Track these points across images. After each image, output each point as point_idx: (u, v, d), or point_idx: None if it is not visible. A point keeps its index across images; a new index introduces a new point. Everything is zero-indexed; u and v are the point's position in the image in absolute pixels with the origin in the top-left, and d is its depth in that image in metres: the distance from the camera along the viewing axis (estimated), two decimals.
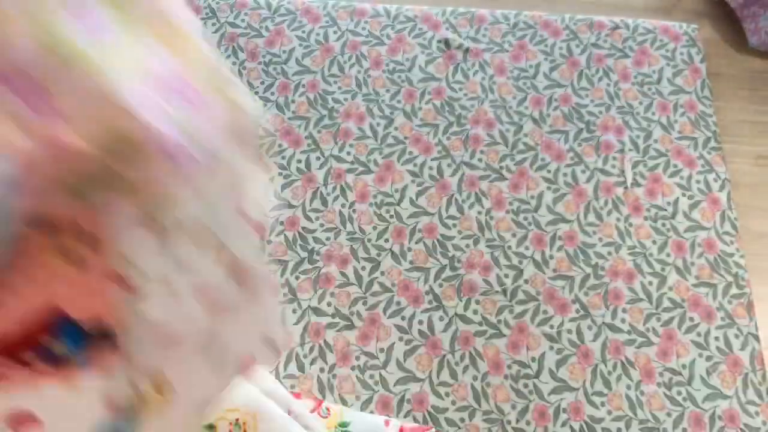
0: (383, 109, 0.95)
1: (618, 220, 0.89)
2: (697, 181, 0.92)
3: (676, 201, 0.91)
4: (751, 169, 0.98)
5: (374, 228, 0.88)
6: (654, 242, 0.88)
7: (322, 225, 0.88)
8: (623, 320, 0.84)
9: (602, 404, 0.79)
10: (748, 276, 0.87)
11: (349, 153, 0.92)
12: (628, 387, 0.80)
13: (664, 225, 0.89)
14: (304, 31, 1.01)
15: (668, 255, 0.88)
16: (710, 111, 0.97)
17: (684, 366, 0.82)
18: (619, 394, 0.80)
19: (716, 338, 0.83)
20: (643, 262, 0.87)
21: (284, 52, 0.99)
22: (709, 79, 1.01)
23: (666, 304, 0.85)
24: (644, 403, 0.80)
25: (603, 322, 0.83)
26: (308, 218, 0.88)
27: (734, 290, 0.86)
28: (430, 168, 0.92)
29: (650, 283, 0.86)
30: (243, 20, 1.01)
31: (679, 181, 0.92)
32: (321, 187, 0.90)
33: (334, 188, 0.90)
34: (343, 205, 0.89)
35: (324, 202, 0.89)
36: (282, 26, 1.01)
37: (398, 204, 0.89)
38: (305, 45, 1.00)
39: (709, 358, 0.82)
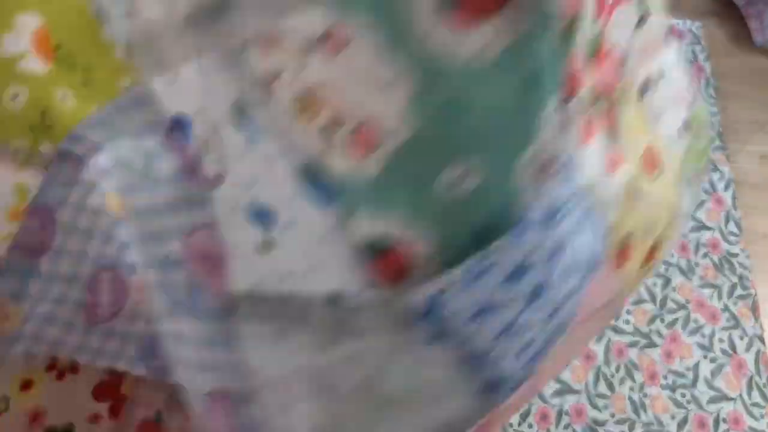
0: None
1: None
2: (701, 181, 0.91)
3: None
4: (755, 168, 0.97)
5: None
6: None
7: None
8: (627, 321, 0.83)
9: (605, 407, 0.78)
10: (752, 277, 0.86)
11: None
12: (632, 389, 0.79)
13: None
14: None
15: (672, 255, 0.87)
16: (715, 110, 0.96)
17: (688, 368, 0.81)
18: (622, 397, 0.79)
19: (721, 340, 0.82)
20: None
21: None
22: (714, 77, 1.00)
23: (670, 305, 0.84)
24: (648, 406, 0.79)
25: None
26: None
27: (739, 291, 0.85)
28: None
29: (654, 283, 0.85)
30: None
31: None
32: None
33: None
34: None
35: None
36: None
37: None
38: None
39: (713, 360, 0.81)
